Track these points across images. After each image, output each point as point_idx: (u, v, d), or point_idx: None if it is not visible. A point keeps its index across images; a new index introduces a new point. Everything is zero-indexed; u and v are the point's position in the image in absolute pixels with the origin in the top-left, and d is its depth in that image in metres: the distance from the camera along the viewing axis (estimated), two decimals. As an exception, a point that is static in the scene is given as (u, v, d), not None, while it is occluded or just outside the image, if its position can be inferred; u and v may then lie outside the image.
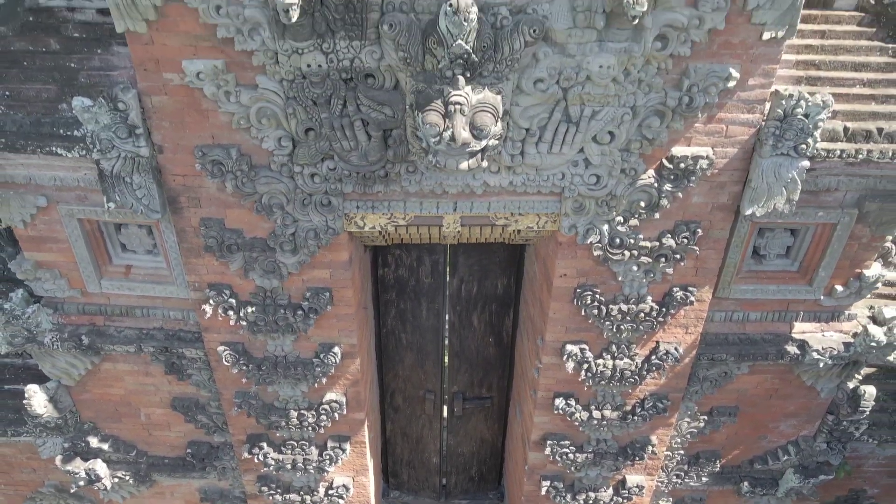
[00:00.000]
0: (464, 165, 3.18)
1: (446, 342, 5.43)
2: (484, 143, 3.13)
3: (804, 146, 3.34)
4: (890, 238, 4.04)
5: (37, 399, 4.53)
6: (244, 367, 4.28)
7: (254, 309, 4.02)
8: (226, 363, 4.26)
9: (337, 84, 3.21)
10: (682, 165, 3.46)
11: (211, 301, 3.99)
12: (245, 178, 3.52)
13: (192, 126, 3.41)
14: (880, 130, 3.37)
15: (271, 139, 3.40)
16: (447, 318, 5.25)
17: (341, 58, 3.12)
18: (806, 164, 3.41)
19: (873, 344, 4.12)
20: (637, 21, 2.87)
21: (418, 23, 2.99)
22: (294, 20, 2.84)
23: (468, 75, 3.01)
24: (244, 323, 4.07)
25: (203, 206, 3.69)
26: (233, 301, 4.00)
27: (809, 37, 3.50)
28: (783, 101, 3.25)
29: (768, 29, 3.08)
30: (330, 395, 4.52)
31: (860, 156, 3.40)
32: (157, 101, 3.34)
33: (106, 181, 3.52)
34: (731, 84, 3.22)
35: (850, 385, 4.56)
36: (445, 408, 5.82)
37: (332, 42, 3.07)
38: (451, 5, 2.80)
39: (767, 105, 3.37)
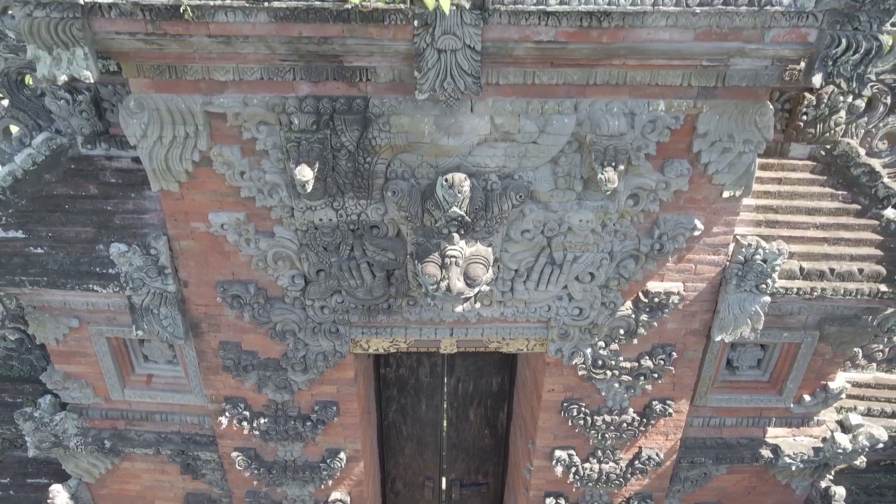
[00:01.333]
0: (458, 309, 3.56)
1: (444, 434, 5.74)
2: (476, 290, 3.50)
3: (764, 285, 3.72)
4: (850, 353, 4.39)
5: (60, 498, 4.83)
6: (256, 471, 4.59)
7: (266, 420, 4.35)
8: (238, 467, 4.57)
9: (345, 233, 3.61)
10: (657, 300, 3.84)
11: (227, 413, 4.32)
12: (261, 309, 3.89)
13: (214, 265, 3.80)
14: (832, 270, 3.76)
15: (286, 277, 3.79)
16: (445, 412, 5.57)
17: (350, 213, 3.53)
18: (767, 299, 3.78)
19: (840, 450, 4.44)
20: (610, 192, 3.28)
21: (418, 187, 3.41)
22: (309, 191, 3.25)
23: (462, 232, 3.41)
24: (257, 432, 4.40)
25: (222, 331, 4.05)
26: (247, 413, 4.33)
27: (768, 183, 3.91)
28: (743, 248, 3.65)
29: (727, 189, 3.49)
30: (335, 495, 4.82)
31: (815, 293, 3.78)
32: (185, 245, 3.74)
33: (136, 312, 3.89)
34: (697, 233, 3.62)
35: (823, 484, 4.85)
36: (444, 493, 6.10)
37: (341, 201, 3.48)
38: (446, 180, 3.22)
39: (731, 247, 3.76)
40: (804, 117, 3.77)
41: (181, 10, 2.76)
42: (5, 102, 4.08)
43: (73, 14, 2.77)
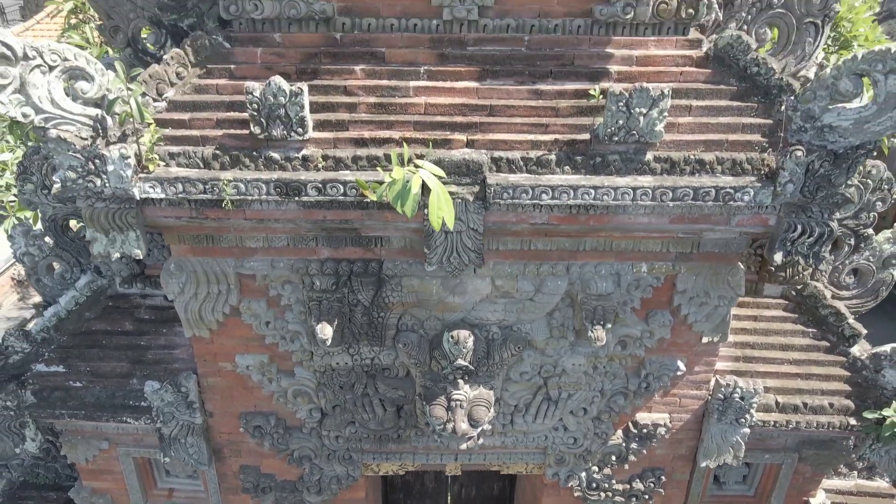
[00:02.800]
0: (463, 447, 3.88)
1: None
2: (479, 429, 3.83)
3: (743, 419, 4.04)
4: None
5: None
6: (269, 583, 4.82)
7: (281, 535, 4.62)
8: (253, 579, 4.80)
9: (359, 374, 3.96)
10: (645, 430, 4.16)
11: (244, 530, 4.59)
12: (280, 438, 4.21)
13: (238, 399, 4.14)
14: (805, 404, 4.09)
15: (304, 411, 4.12)
16: (449, 515, 5.82)
17: (364, 357, 3.89)
18: (746, 431, 4.11)
19: (823, 564, 4.68)
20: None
21: (426, 337, 3.77)
22: (329, 345, 3.62)
23: (466, 378, 3.76)
24: (272, 547, 4.66)
25: (243, 456, 4.36)
26: (263, 529, 4.60)
27: (744, 320, 4.28)
28: (723, 387, 3.99)
29: (706, 335, 3.86)
30: None
31: (790, 425, 4.11)
32: (212, 381, 4.08)
33: (164, 441, 4.21)
34: (680, 373, 3.97)
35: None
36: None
37: (357, 347, 3.84)
38: (452, 336, 3.59)
39: (712, 382, 4.11)
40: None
41: (223, 204, 3.18)
42: (49, 241, 4.50)
43: (129, 206, 3.19)
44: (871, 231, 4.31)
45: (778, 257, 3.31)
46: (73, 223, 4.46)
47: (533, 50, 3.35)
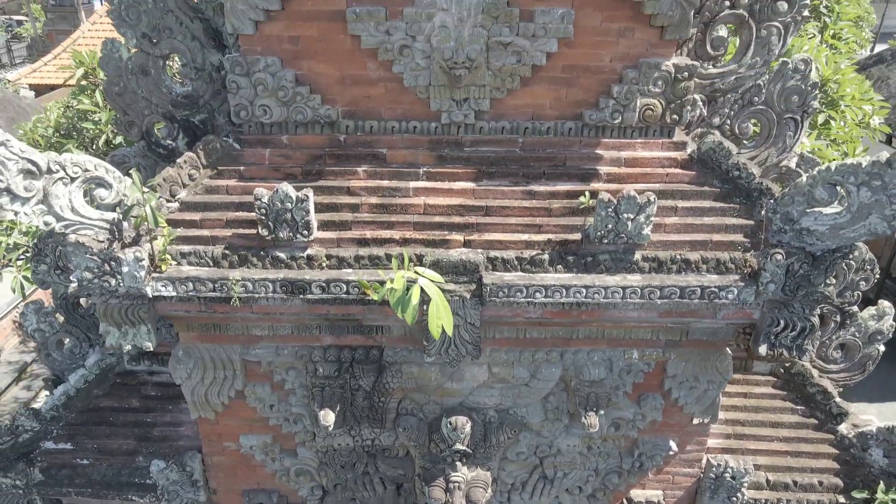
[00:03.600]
0: (462, 527, 3.97)
1: None
2: (477, 510, 3.93)
3: (735, 498, 4.14)
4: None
5: None
6: None
7: None
8: None
9: (360, 454, 4.07)
10: (639, 507, 4.26)
11: None
12: (282, 514, 4.30)
13: (242, 477, 4.23)
14: (795, 483, 4.19)
15: (305, 489, 4.21)
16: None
17: (364, 439, 4.00)
18: (738, 508, 4.20)
19: None
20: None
21: (425, 420, 3.89)
22: (332, 429, 3.74)
23: (464, 460, 3.86)
24: None
25: (245, 531, 4.44)
26: None
27: (735, 397, 4.40)
28: (714, 467, 4.09)
29: (697, 416, 3.97)
30: None
31: (781, 503, 4.20)
32: (216, 460, 4.18)
33: (168, 518, 4.29)
34: (672, 452, 4.08)
35: None
36: None
37: (358, 429, 3.96)
38: (450, 423, 3.71)
39: (704, 460, 4.21)
40: (763, 341, 4.31)
41: (231, 301, 3.33)
42: (60, 318, 4.64)
43: (142, 302, 3.34)
44: (856, 308, 4.46)
45: (763, 349, 3.45)
46: (83, 300, 4.61)
47: (527, 151, 3.53)
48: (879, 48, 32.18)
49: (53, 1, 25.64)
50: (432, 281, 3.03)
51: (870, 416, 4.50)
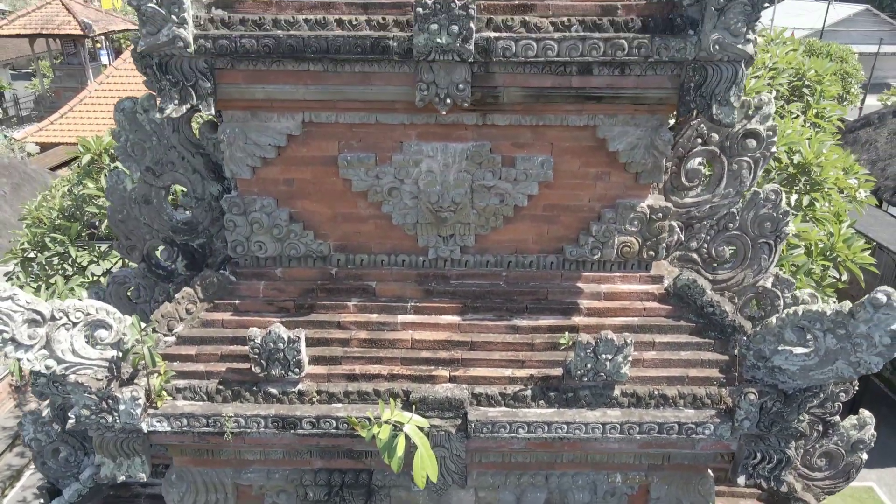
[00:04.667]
0: None
1: None
2: None
3: None
4: None
5: None
6: None
7: None
8: None
9: (350, 572, 4.11)
10: None
11: None
12: None
13: (232, 593, 4.26)
14: None
15: None
16: None
17: (354, 558, 4.04)
18: None
19: None
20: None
21: (414, 541, 3.95)
22: (320, 554, 3.80)
23: (452, 582, 3.91)
24: None
25: None
26: None
27: (721, 511, 4.46)
28: (700, 586, 4.13)
29: (681, 536, 4.03)
30: None
31: None
32: (207, 577, 4.22)
33: None
34: (658, 571, 4.12)
35: None
36: None
37: (347, 549, 4.01)
38: (438, 548, 3.77)
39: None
40: (746, 454, 4.39)
41: (224, 436, 3.43)
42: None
43: (137, 435, 3.44)
44: (837, 418, 4.56)
45: (741, 480, 3.55)
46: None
47: (510, 285, 3.69)
48: (871, 99, 32.88)
49: (62, 59, 26.36)
50: (418, 426, 3.14)
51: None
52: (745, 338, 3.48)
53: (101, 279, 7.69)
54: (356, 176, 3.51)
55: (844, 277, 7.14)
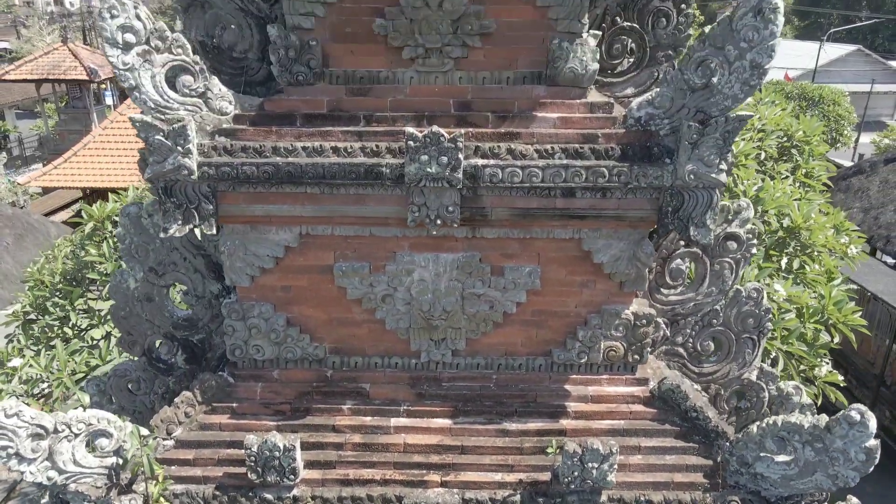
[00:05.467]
0: None
1: None
2: None
3: None
4: None
5: None
6: None
7: None
8: None
9: None
10: None
11: None
12: None
13: None
14: None
15: None
16: None
17: None
18: None
19: None
20: None
21: None
22: None
23: None
24: None
25: None
26: None
27: None
28: None
29: None
30: None
31: None
32: None
33: None
34: None
35: None
36: None
37: None
38: None
39: None
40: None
41: (220, 542, 3.51)
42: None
43: (134, 541, 3.51)
44: (825, 505, 4.63)
45: (727, 585, 3.60)
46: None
47: (500, 387, 3.80)
48: (865, 137, 33.27)
49: (68, 102, 26.82)
50: (409, 538, 3.23)
51: None
52: (728, 443, 3.58)
53: (101, 343, 7.80)
54: (351, 284, 3.65)
55: (836, 340, 7.24)
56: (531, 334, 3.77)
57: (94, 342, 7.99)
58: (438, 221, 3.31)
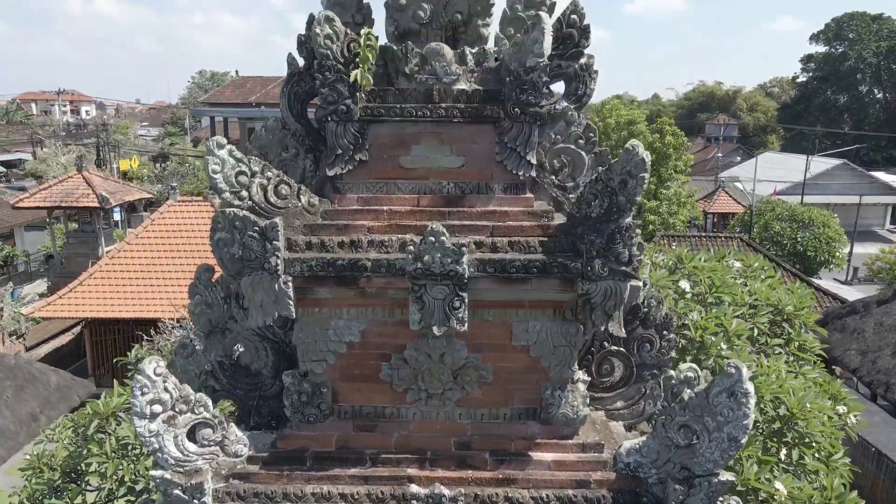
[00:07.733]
0: None
1: None
2: None
3: None
4: None
5: None
6: None
7: None
8: None
9: None
10: None
11: None
12: None
13: None
14: None
15: None
16: None
17: None
18: None
19: None
20: None
21: None
22: None
23: None
24: None
25: None
26: None
27: None
28: None
29: None
30: None
31: None
32: None
33: None
34: None
35: None
36: None
37: None
38: None
39: None
40: None
41: None
42: None
43: None
44: None
45: None
46: None
47: None
48: (858, 248, 33.76)
49: (78, 227, 27.50)
50: None
51: None
52: None
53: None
54: None
55: (841, 532, 7.14)
56: None
57: (92, 543, 7.85)
58: None
